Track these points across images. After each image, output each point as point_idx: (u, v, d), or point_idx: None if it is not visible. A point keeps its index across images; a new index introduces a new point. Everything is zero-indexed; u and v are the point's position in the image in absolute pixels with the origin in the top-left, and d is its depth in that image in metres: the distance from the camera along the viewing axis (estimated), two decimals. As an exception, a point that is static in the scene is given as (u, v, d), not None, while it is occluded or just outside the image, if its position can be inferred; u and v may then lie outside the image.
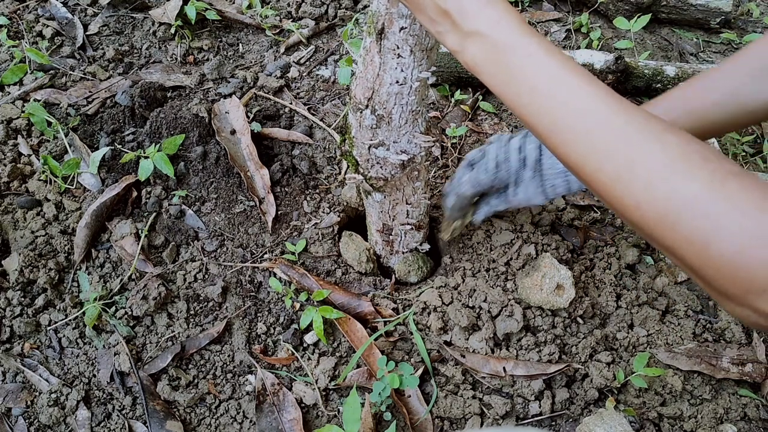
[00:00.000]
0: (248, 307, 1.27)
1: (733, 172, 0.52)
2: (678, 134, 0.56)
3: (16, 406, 1.17)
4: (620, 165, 0.56)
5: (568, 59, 0.62)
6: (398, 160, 1.03)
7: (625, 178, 0.56)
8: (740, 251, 0.50)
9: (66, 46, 1.76)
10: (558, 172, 1.06)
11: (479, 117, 1.69)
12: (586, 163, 0.59)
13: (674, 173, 0.53)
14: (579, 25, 1.96)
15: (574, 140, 0.60)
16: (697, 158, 0.53)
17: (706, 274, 0.53)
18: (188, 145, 1.43)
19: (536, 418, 1.15)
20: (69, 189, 1.43)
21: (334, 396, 1.19)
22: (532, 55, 0.62)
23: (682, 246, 0.53)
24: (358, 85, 0.96)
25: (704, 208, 0.51)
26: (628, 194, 0.56)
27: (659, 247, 0.58)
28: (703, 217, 0.51)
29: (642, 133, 0.56)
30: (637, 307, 1.27)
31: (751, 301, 0.51)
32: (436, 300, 1.23)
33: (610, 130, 0.57)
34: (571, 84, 0.60)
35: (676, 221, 0.53)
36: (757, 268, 0.49)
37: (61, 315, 1.26)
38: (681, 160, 0.53)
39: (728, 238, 0.50)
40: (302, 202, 1.44)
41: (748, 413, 1.15)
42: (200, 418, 1.17)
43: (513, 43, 0.63)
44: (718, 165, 0.53)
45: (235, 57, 1.81)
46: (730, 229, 0.50)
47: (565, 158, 0.62)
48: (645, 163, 0.55)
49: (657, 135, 0.55)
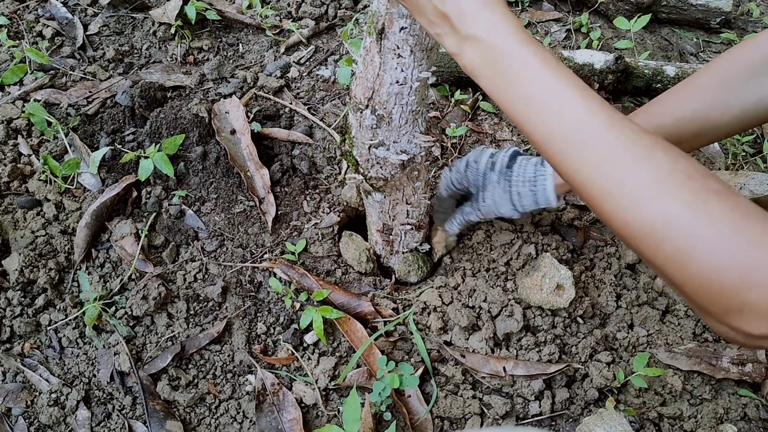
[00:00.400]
0: (248, 307, 1.27)
1: (717, 191, 0.53)
2: (667, 151, 0.57)
3: (16, 406, 1.17)
4: (610, 181, 0.57)
5: (564, 69, 0.62)
6: (398, 160, 1.03)
7: (614, 195, 0.57)
8: (717, 272, 0.51)
9: (66, 46, 1.76)
10: (524, 180, 1.07)
11: (479, 117, 1.70)
12: (578, 174, 0.60)
13: (659, 193, 0.54)
14: (579, 25, 1.96)
15: (567, 151, 0.60)
16: (683, 177, 0.54)
17: (688, 292, 0.55)
18: (188, 145, 1.43)
19: (536, 418, 1.15)
20: (69, 189, 1.43)
21: (334, 396, 1.19)
22: (529, 63, 0.62)
23: (666, 264, 0.55)
24: (358, 85, 0.96)
25: (685, 229, 0.53)
26: (616, 211, 0.57)
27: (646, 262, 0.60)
28: (684, 237, 0.53)
29: (632, 150, 0.57)
30: (637, 307, 1.27)
31: (730, 320, 0.53)
32: (436, 300, 1.23)
33: (601, 144, 0.58)
34: (566, 95, 0.61)
35: (660, 240, 0.54)
36: (733, 289, 0.51)
37: (61, 315, 1.26)
38: (667, 180, 0.55)
39: (706, 259, 0.52)
40: (302, 202, 1.44)
41: (748, 413, 1.15)
42: (200, 418, 1.17)
43: (510, 50, 0.63)
44: (702, 184, 0.54)
45: (235, 57, 1.81)
46: (708, 251, 0.52)
47: (558, 167, 0.63)
48: (633, 182, 0.56)
49: (646, 152, 0.56)
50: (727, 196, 0.53)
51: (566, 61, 1.66)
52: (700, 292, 0.53)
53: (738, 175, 1.47)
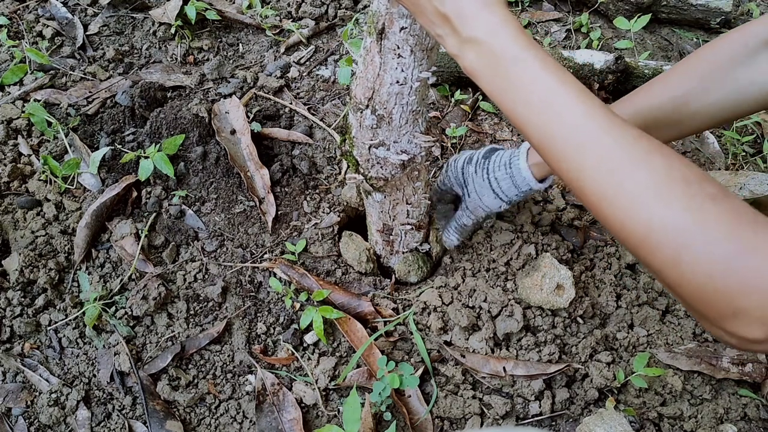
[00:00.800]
0: (248, 307, 1.27)
1: (712, 195, 0.54)
2: (664, 155, 0.57)
3: (16, 406, 1.17)
4: (607, 185, 0.58)
5: (564, 73, 0.63)
6: (398, 160, 1.03)
7: (611, 199, 0.58)
8: (711, 278, 0.52)
9: (66, 46, 1.76)
10: (500, 165, 1.09)
11: (479, 117, 1.70)
12: (576, 177, 0.60)
13: (655, 198, 0.55)
14: (579, 25, 1.96)
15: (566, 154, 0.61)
16: (680, 182, 0.55)
17: (684, 295, 0.55)
18: (188, 145, 1.43)
19: (536, 418, 1.15)
20: (69, 189, 1.43)
21: (334, 396, 1.19)
22: (529, 67, 0.62)
23: (661, 269, 0.56)
24: (358, 85, 0.96)
25: (680, 235, 0.53)
26: (613, 215, 0.58)
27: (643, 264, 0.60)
28: (678, 243, 0.53)
29: (629, 155, 0.57)
30: (637, 307, 1.27)
31: (724, 324, 0.53)
32: (436, 300, 1.23)
33: (600, 148, 0.58)
34: (565, 98, 0.61)
35: (655, 245, 0.55)
36: (726, 295, 0.51)
37: (61, 315, 1.26)
38: (664, 184, 0.55)
39: (700, 265, 0.52)
40: (302, 202, 1.44)
41: (748, 413, 1.15)
42: (200, 418, 1.17)
43: (510, 53, 0.63)
44: (698, 189, 0.54)
45: (235, 57, 1.81)
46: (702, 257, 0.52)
47: (558, 170, 0.63)
48: (629, 187, 0.56)
49: (644, 156, 0.57)
50: (723, 200, 0.53)
51: (566, 61, 1.66)
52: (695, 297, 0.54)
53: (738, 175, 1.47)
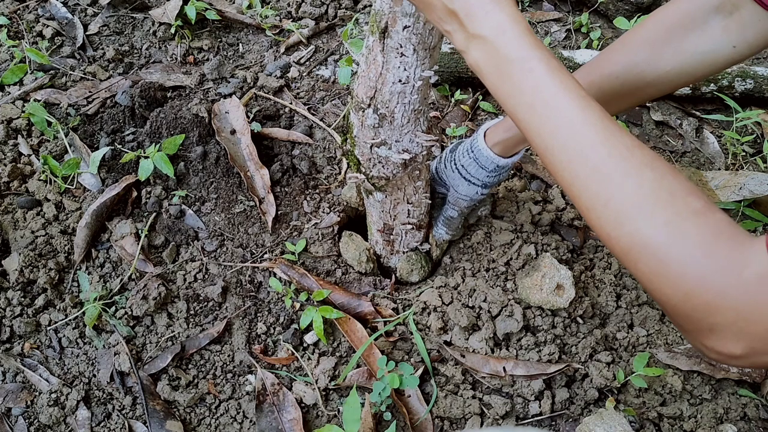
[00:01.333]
0: (248, 307, 1.27)
1: (695, 211, 0.54)
2: (655, 168, 0.57)
3: (16, 406, 1.17)
4: (597, 197, 0.59)
5: (569, 78, 0.62)
6: (400, 159, 1.03)
7: (600, 210, 0.59)
8: (687, 295, 0.53)
9: (66, 46, 1.75)
10: (464, 151, 1.12)
11: (479, 117, 1.70)
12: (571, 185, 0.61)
13: (639, 212, 0.56)
14: (579, 25, 1.96)
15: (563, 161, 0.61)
16: (665, 196, 0.55)
17: (665, 308, 0.57)
18: (188, 145, 1.43)
19: (536, 418, 1.15)
20: (69, 189, 1.43)
21: (334, 396, 1.19)
22: (533, 70, 0.62)
23: (643, 281, 0.57)
24: (360, 84, 0.96)
25: (659, 252, 0.54)
26: (600, 226, 0.59)
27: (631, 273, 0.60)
28: (658, 260, 0.54)
29: (621, 168, 0.58)
30: (637, 307, 1.27)
31: (702, 339, 0.55)
32: (436, 300, 1.23)
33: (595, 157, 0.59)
34: (567, 105, 0.61)
35: (637, 259, 0.56)
36: (702, 312, 0.53)
37: (61, 315, 1.26)
38: (649, 199, 0.56)
39: (677, 281, 0.54)
40: (302, 202, 1.44)
41: (747, 413, 1.15)
42: (200, 418, 1.17)
43: (516, 54, 0.63)
44: (682, 204, 0.55)
45: (235, 57, 1.81)
46: (679, 274, 0.53)
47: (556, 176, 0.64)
48: (617, 200, 0.57)
49: (635, 170, 0.57)
50: (704, 216, 0.54)
51: (566, 61, 1.67)
52: (676, 311, 0.55)
53: (738, 175, 1.47)
